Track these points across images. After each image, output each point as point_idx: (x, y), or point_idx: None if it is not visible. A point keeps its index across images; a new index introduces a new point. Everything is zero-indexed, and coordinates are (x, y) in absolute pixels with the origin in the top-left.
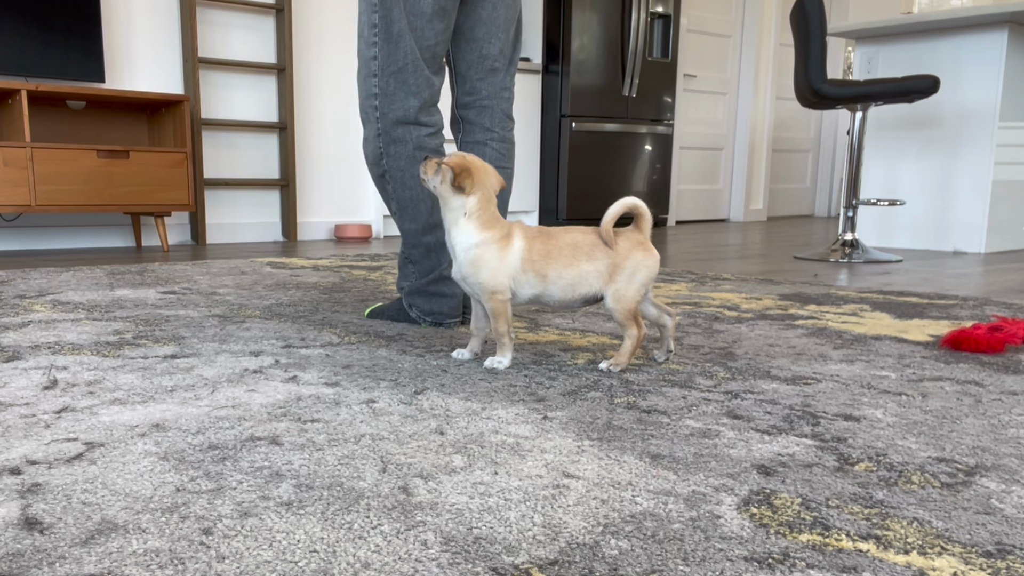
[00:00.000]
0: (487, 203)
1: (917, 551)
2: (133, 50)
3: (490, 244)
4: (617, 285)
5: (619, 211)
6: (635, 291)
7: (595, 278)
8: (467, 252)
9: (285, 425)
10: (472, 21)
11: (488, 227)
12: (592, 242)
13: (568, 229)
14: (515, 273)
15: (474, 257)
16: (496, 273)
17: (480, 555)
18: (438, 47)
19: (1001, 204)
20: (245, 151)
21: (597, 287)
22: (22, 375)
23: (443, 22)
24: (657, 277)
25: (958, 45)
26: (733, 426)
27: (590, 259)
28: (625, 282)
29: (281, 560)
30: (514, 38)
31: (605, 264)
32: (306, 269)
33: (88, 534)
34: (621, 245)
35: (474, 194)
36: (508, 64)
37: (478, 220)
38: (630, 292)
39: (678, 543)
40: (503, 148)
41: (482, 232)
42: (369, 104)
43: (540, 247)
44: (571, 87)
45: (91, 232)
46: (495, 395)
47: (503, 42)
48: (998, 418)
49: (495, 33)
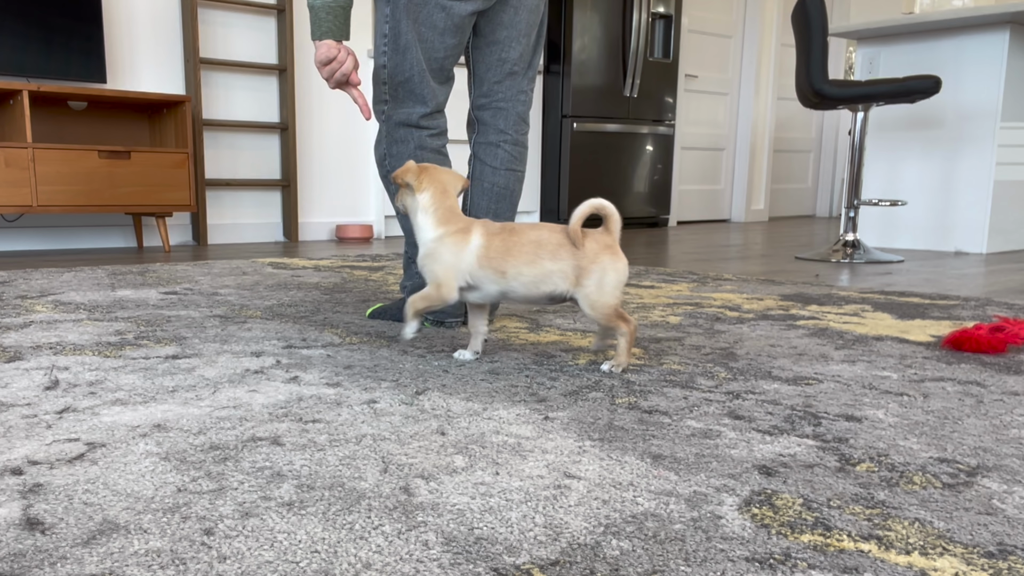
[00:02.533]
0: (442, 198)
1: (919, 552)
2: (134, 51)
3: (445, 239)
4: (588, 291)
5: (586, 211)
6: (609, 296)
7: (560, 278)
8: (424, 247)
9: (286, 425)
10: (494, 24)
11: (444, 222)
12: (558, 241)
13: (536, 226)
14: (471, 269)
15: (429, 251)
16: (448, 268)
17: (481, 555)
18: (447, 60)
19: (1003, 204)
20: (246, 151)
21: (563, 287)
22: (24, 375)
23: (455, 37)
24: (657, 277)
25: (959, 45)
26: (734, 426)
27: (554, 258)
28: (595, 288)
29: (282, 560)
30: (535, 42)
31: (571, 265)
32: (307, 269)
33: (89, 534)
34: (588, 247)
35: (425, 190)
36: (527, 68)
37: (433, 215)
38: (604, 298)
39: (679, 543)
40: (515, 151)
41: (438, 228)
42: (379, 108)
43: (500, 244)
44: (572, 87)
45: (92, 232)
46: (496, 395)
47: (524, 46)
48: (1000, 419)
49: (516, 37)
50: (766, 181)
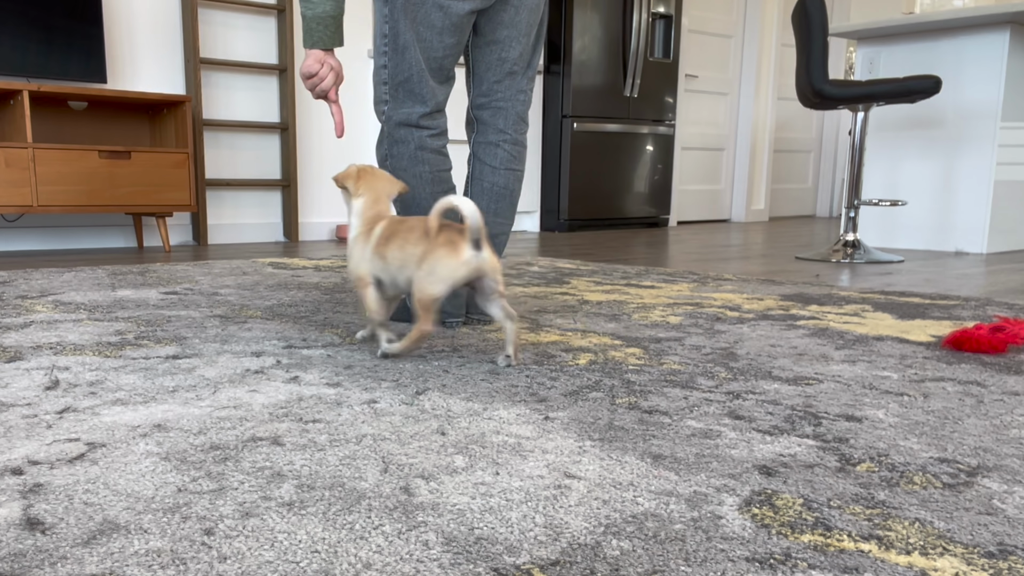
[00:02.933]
0: (373, 205)
1: (919, 552)
2: (135, 51)
3: (358, 237)
4: (419, 275)
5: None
6: (433, 286)
7: (413, 263)
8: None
9: (287, 425)
10: (494, 23)
11: (366, 224)
12: (422, 230)
13: (420, 218)
14: (370, 258)
15: (348, 250)
16: (358, 261)
17: (482, 555)
18: (446, 60)
19: (1003, 204)
20: (246, 151)
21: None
22: (24, 375)
23: (454, 37)
24: (657, 277)
25: (960, 45)
26: (735, 426)
27: (415, 245)
28: (425, 274)
29: (283, 560)
30: (535, 42)
31: (421, 251)
32: (308, 269)
33: (90, 534)
34: (438, 239)
35: (360, 196)
36: (527, 67)
37: (360, 219)
38: (428, 287)
39: (679, 543)
40: (514, 151)
41: (358, 228)
42: (379, 109)
43: (387, 232)
44: (573, 87)
45: (93, 233)
46: (496, 396)
47: (524, 46)
48: (1000, 419)
49: (516, 37)
50: (766, 181)
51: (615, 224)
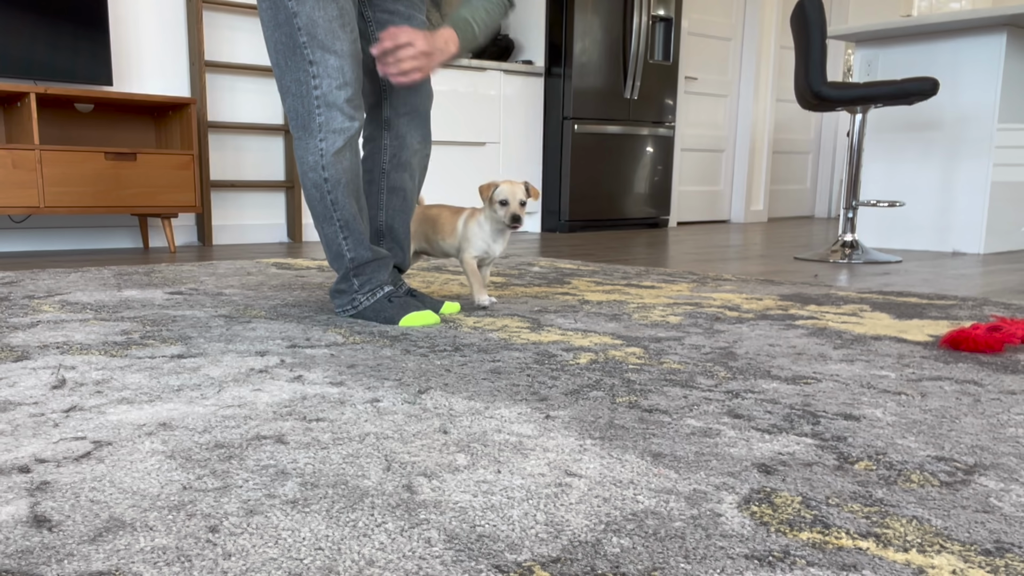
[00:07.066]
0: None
1: (916, 549)
2: (140, 53)
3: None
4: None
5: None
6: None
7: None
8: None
9: (290, 424)
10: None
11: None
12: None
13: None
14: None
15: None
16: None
17: (483, 553)
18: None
19: (1000, 205)
20: (251, 153)
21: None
22: (31, 374)
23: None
24: (657, 277)
25: (957, 48)
26: (734, 425)
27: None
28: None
29: (286, 557)
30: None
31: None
32: (311, 270)
33: (96, 531)
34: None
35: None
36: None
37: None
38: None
39: (679, 541)
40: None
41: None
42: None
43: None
44: (573, 90)
45: (99, 233)
46: (498, 394)
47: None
48: (997, 417)
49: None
50: (765, 182)
51: (615, 225)
